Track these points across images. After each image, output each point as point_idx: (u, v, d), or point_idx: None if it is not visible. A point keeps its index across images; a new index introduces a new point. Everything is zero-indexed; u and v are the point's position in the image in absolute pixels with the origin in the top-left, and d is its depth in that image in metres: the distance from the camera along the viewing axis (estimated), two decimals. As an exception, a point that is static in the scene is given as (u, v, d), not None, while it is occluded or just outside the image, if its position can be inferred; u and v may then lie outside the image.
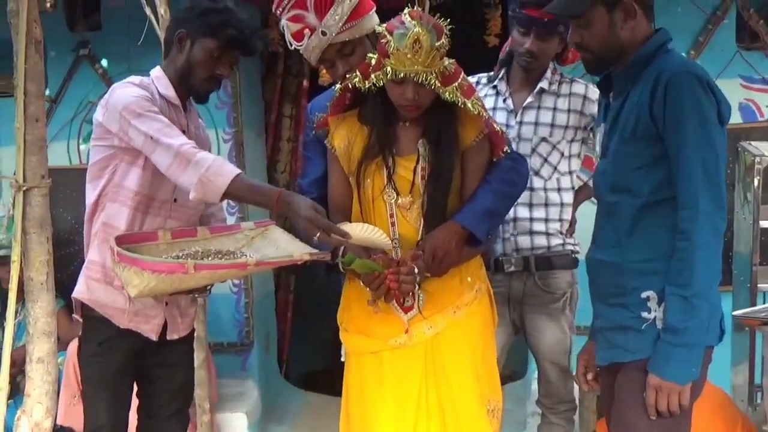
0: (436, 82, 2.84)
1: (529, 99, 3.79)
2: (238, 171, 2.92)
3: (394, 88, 2.90)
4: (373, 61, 2.89)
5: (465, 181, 3.07)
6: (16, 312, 2.99)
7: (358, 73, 2.95)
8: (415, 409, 3.03)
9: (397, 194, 3.03)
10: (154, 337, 3.25)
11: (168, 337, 3.30)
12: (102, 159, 3.14)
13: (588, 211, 3.97)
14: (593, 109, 3.79)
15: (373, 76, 2.89)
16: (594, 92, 3.80)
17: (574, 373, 3.88)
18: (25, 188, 2.10)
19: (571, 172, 3.85)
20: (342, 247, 3.01)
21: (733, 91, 5.17)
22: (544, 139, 3.73)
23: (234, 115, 5.82)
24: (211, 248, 3.09)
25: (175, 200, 3.22)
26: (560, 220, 3.82)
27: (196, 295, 3.29)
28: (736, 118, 5.15)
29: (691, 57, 5.16)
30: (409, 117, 3.01)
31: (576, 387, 4.07)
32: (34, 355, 2.14)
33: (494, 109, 3.74)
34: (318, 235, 2.77)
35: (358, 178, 3.06)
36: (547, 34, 3.62)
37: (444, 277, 3.05)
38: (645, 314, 2.62)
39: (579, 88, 3.83)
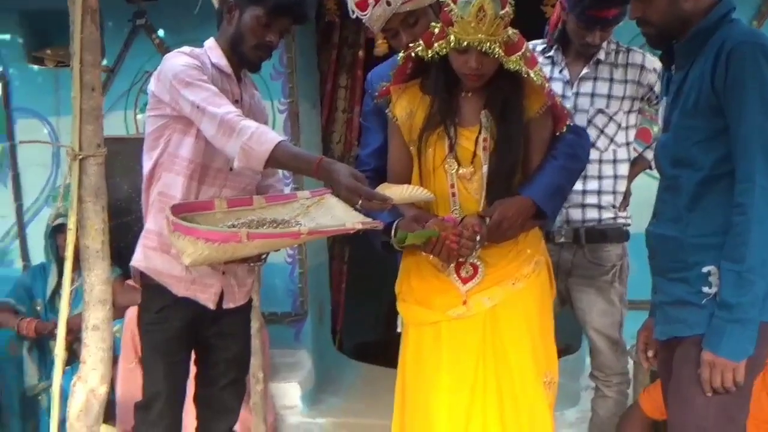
0: (500, 51, 2.82)
1: (586, 70, 3.76)
2: (281, 138, 2.93)
3: (458, 58, 2.89)
4: (437, 30, 2.88)
5: (528, 153, 3.06)
6: (73, 280, 3.03)
7: (421, 42, 2.94)
8: (472, 380, 3.04)
9: (459, 164, 3.03)
10: (211, 306, 3.27)
11: (224, 306, 3.32)
12: (156, 129, 3.16)
13: (643, 183, 3.94)
14: (651, 78, 3.76)
15: (436, 45, 2.88)
16: (651, 62, 3.76)
17: (627, 347, 3.88)
18: (80, 157, 2.11)
19: (628, 144, 3.82)
20: (394, 227, 3.01)
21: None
22: (600, 111, 3.70)
23: (289, 86, 5.80)
24: (266, 217, 3.10)
25: (231, 169, 3.23)
26: (614, 192, 3.80)
27: (251, 264, 3.30)
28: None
29: (753, 27, 5.06)
30: (472, 87, 3.00)
31: (630, 361, 4.07)
32: (90, 323, 2.16)
33: (550, 79, 3.70)
34: (360, 202, 2.77)
35: (419, 147, 3.07)
36: (609, 26, 3.59)
37: (503, 248, 3.06)
38: (706, 289, 2.58)
39: (636, 57, 3.80)
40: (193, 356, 3.46)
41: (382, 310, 4.37)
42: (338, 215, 3.09)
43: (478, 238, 2.92)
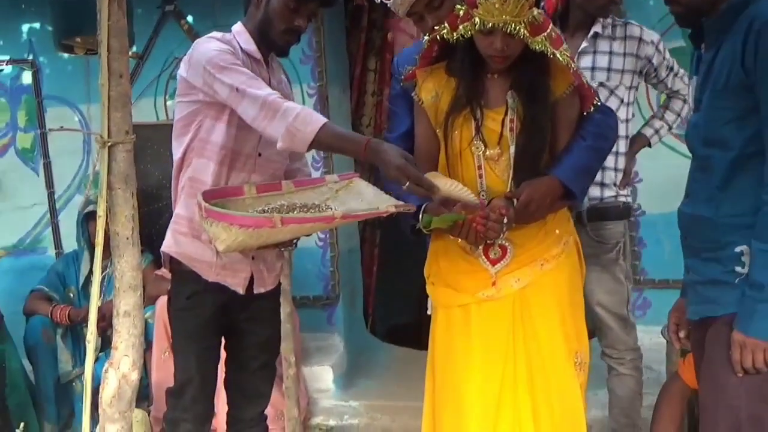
0: (525, 31, 2.80)
1: (584, 44, 3.79)
2: (326, 120, 2.91)
3: (483, 39, 2.88)
4: (462, 12, 2.87)
5: (556, 134, 3.05)
6: (104, 267, 3.03)
7: (446, 24, 2.93)
8: (502, 361, 3.04)
9: (485, 146, 3.02)
10: (241, 291, 3.28)
11: (255, 291, 3.33)
12: (187, 114, 3.17)
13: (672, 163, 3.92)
14: (648, 51, 3.81)
15: (461, 27, 2.87)
16: (649, 34, 3.82)
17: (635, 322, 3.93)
18: (109, 144, 2.11)
19: (627, 120, 3.81)
20: (422, 210, 3.01)
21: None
22: (601, 84, 3.71)
23: (318, 70, 5.82)
24: (296, 202, 3.10)
25: (259, 154, 3.23)
26: (615, 169, 3.83)
27: (282, 249, 3.30)
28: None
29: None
30: (498, 68, 2.98)
31: (663, 340, 4.06)
32: (121, 309, 2.17)
33: None
34: (407, 184, 2.76)
35: (446, 130, 3.06)
36: None
37: (531, 229, 3.05)
38: (739, 269, 2.55)
39: (634, 30, 3.84)
40: (223, 341, 3.48)
41: (414, 293, 4.35)
42: (368, 199, 3.10)
43: (505, 220, 2.91)
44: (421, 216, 3.00)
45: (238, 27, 3.27)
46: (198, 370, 3.26)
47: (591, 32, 3.80)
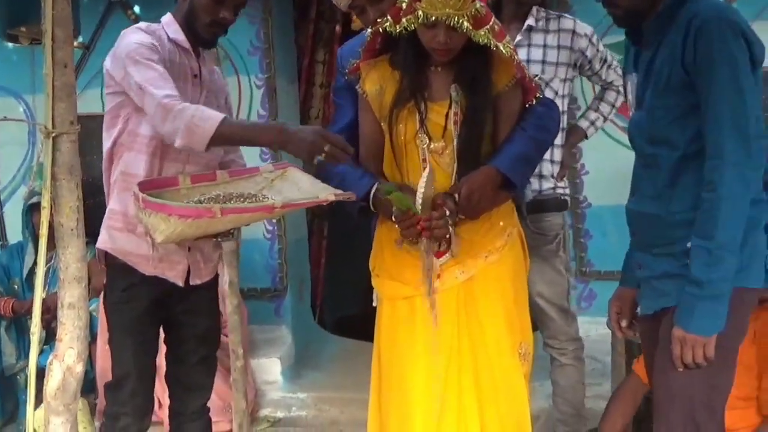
0: (468, 24, 2.80)
1: (519, 37, 3.82)
2: (224, 115, 2.90)
3: (426, 32, 2.87)
4: (404, 5, 2.86)
5: (498, 126, 3.06)
6: (49, 258, 3.00)
7: (389, 17, 2.92)
8: (447, 353, 3.05)
9: (430, 139, 3.02)
10: (180, 283, 3.28)
11: (191, 282, 3.33)
12: (114, 107, 3.16)
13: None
14: (582, 44, 3.85)
15: (404, 20, 2.86)
16: (582, 27, 3.88)
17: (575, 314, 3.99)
18: (54, 134, 2.09)
19: (563, 112, 3.84)
20: (374, 190, 3.02)
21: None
22: (536, 77, 3.73)
23: (266, 61, 5.80)
24: (231, 191, 3.09)
25: None
26: (552, 161, 3.86)
27: (220, 239, 3.30)
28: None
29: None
30: (441, 61, 2.99)
31: (608, 330, 4.10)
32: (66, 301, 2.15)
33: None
34: (327, 148, 2.76)
35: (390, 123, 3.06)
36: None
37: (476, 222, 3.05)
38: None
39: (567, 23, 3.88)
40: (162, 335, 3.47)
41: (361, 285, 4.35)
42: (305, 187, 3.11)
43: (447, 213, 2.92)
44: (372, 196, 3.01)
45: (167, 17, 3.27)
46: (135, 363, 3.25)
47: (525, 25, 3.83)
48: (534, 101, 3.08)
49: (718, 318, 2.52)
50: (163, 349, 3.49)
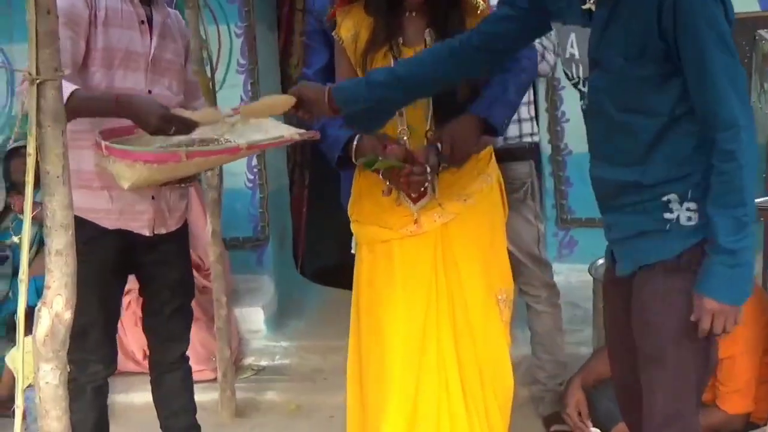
0: None
1: None
2: (74, 87, 2.86)
3: None
4: None
5: None
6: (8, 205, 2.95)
7: None
8: (425, 296, 3.07)
9: None
10: (146, 233, 3.28)
11: (156, 232, 3.33)
12: None
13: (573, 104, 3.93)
14: None
15: None
16: None
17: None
18: (38, 81, 2.08)
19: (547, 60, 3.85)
20: (354, 144, 3.02)
21: (751, -22, 5.09)
22: None
23: (246, 9, 5.76)
24: (194, 137, 3.03)
25: (149, 92, 3.23)
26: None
27: (185, 185, 3.29)
28: (753, 6, 5.08)
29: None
30: (414, 6, 2.99)
31: (591, 278, 4.14)
32: (53, 248, 2.14)
33: None
34: (171, 131, 2.81)
35: (364, 67, 3.05)
36: None
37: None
38: (668, 215, 2.53)
39: None
40: (138, 286, 3.50)
41: (343, 234, 4.35)
42: (268, 129, 3.10)
43: (428, 170, 2.93)
44: (353, 148, 3.02)
45: None
46: (100, 314, 3.27)
47: None
48: None
49: (749, 284, 2.49)
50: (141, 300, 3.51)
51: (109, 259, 3.24)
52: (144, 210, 3.27)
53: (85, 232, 3.16)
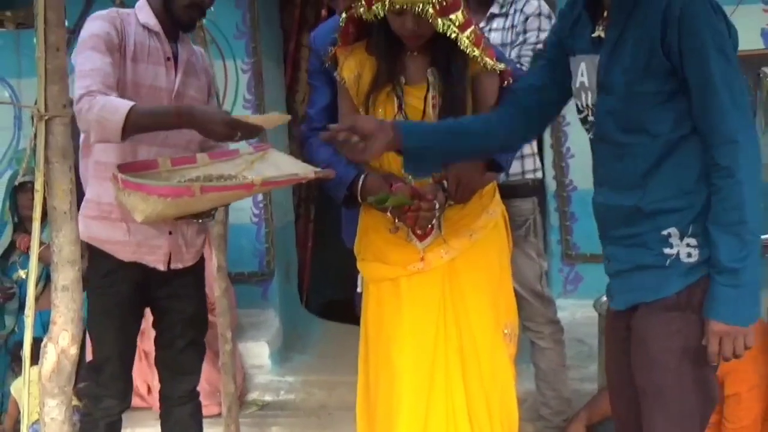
0: (433, 12, 2.81)
1: (482, 24, 3.84)
2: (132, 103, 2.88)
3: (395, 19, 2.89)
4: None
5: (477, 108, 3.07)
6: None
7: (363, 2, 2.93)
8: (433, 333, 3.07)
9: None
10: (161, 267, 3.28)
11: (172, 266, 3.33)
12: None
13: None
14: (521, 18, 3.86)
15: (374, 6, 2.88)
16: (531, 6, 3.87)
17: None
18: (46, 117, 2.10)
19: None
20: (361, 182, 3.03)
21: (755, 16, 5.09)
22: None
23: (252, 45, 5.80)
24: (212, 173, 3.08)
25: None
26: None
27: (201, 220, 3.30)
28: (758, 44, 5.09)
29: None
30: (414, 46, 3.00)
31: (596, 313, 4.13)
32: (59, 283, 2.16)
33: None
34: (239, 135, 2.83)
35: (367, 107, 3.07)
36: None
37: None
38: (667, 250, 2.49)
39: (519, 3, 3.90)
40: (151, 319, 3.49)
41: (348, 268, 4.37)
42: (285, 168, 3.11)
43: (437, 206, 2.94)
44: (361, 189, 3.03)
45: (141, 2, 3.27)
46: (116, 347, 3.27)
47: (488, 13, 3.90)
48: (512, 80, 3.08)
49: (757, 304, 2.44)
50: (152, 333, 3.50)
51: (126, 292, 3.25)
52: (160, 245, 3.27)
53: (104, 265, 3.20)
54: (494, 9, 3.88)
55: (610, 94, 2.56)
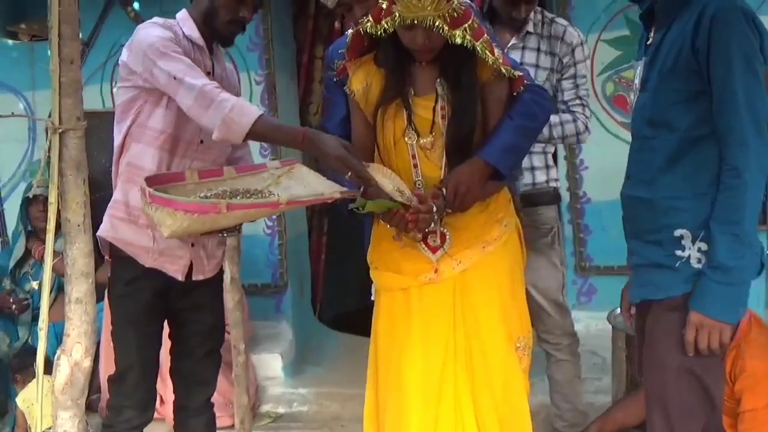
0: (444, 25, 2.81)
1: (514, 40, 3.84)
2: (261, 111, 2.93)
3: (405, 34, 2.89)
4: (385, 6, 2.87)
5: (486, 116, 3.06)
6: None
7: (371, 17, 2.93)
8: (443, 344, 3.06)
9: (418, 135, 3.02)
10: (180, 278, 3.28)
11: (193, 278, 3.34)
12: (127, 100, 3.17)
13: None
14: (564, 50, 3.88)
15: (384, 21, 2.87)
16: (571, 35, 3.89)
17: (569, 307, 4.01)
18: (60, 130, 2.10)
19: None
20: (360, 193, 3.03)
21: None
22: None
23: (266, 57, 5.81)
24: (238, 188, 3.09)
25: (201, 142, 3.24)
26: (544, 153, 3.88)
27: (226, 235, 3.31)
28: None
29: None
30: (424, 59, 2.99)
31: (609, 326, 4.12)
32: (73, 296, 2.16)
33: None
34: (348, 175, 2.80)
35: (377, 120, 3.07)
36: (533, 1, 3.83)
37: (471, 213, 3.05)
38: (679, 252, 2.57)
39: (558, 29, 3.91)
40: (167, 329, 3.48)
41: (361, 280, 4.36)
42: (311, 184, 3.11)
43: (434, 209, 2.93)
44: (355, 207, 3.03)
45: (182, 14, 3.28)
46: (138, 356, 3.26)
47: (523, 31, 3.89)
48: (522, 89, 3.08)
49: (742, 305, 2.52)
50: (166, 344, 3.50)
51: (148, 300, 3.25)
52: (182, 255, 3.28)
53: (127, 272, 3.22)
54: (529, 27, 3.89)
55: (646, 91, 2.69)
